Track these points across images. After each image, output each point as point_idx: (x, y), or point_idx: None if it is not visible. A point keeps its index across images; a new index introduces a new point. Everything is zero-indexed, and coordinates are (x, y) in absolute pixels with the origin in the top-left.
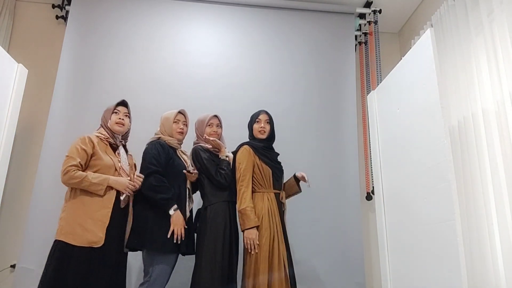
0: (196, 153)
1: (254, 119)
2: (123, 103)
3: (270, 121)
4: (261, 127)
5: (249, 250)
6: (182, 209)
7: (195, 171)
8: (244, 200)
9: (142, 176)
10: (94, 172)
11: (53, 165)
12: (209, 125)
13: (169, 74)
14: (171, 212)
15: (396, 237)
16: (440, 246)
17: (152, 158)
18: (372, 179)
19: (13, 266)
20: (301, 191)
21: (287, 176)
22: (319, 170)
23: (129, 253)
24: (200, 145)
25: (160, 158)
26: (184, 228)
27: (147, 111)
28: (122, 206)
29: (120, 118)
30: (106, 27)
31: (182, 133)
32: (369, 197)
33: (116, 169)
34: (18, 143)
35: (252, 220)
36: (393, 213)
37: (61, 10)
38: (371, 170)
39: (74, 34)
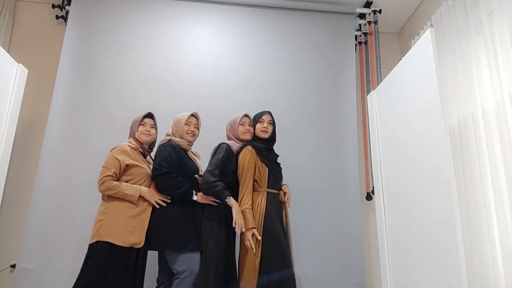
0: (219, 149)
1: (257, 119)
2: (150, 115)
3: (273, 123)
4: (264, 127)
5: (250, 248)
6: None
7: None
8: (244, 202)
9: (168, 198)
10: (135, 179)
11: (53, 165)
12: (242, 124)
13: (169, 74)
14: (194, 198)
15: (396, 237)
16: (440, 246)
17: (162, 160)
18: (372, 179)
19: (13, 266)
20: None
21: (284, 177)
22: (319, 170)
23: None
24: (226, 144)
25: (171, 159)
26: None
27: (147, 110)
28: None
29: (146, 130)
30: (106, 27)
31: (193, 135)
32: (369, 197)
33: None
34: (18, 143)
35: (249, 222)
36: (393, 213)
37: (61, 10)
38: (371, 170)
39: (74, 34)
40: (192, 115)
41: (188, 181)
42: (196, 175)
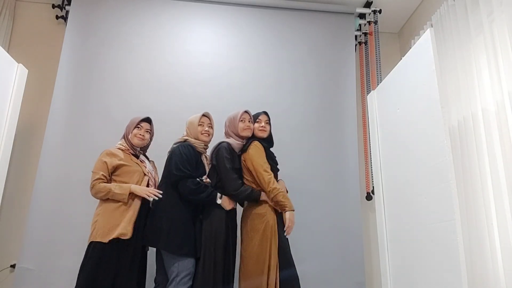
0: (219, 150)
1: (254, 119)
2: (147, 120)
3: (269, 122)
4: (261, 126)
5: (288, 233)
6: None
7: (208, 179)
8: (277, 185)
9: (161, 192)
10: (124, 178)
11: (53, 165)
12: (242, 120)
13: (169, 73)
14: (219, 201)
15: (396, 237)
16: (440, 246)
17: (185, 161)
18: (372, 179)
19: (13, 266)
20: None
21: (285, 177)
22: (319, 170)
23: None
24: (226, 142)
25: (192, 161)
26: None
27: (147, 110)
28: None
29: (140, 134)
30: (106, 27)
31: (208, 135)
32: (369, 197)
33: (145, 174)
34: (18, 143)
35: (291, 204)
36: (393, 213)
37: (61, 10)
38: (371, 170)
39: (74, 34)
40: (204, 115)
41: None
42: (197, 179)
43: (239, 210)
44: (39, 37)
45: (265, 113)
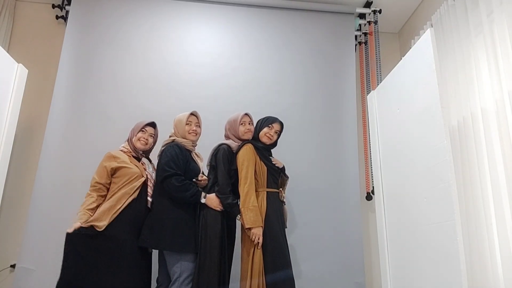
0: (219, 152)
1: (267, 123)
2: (152, 124)
3: (279, 134)
4: (270, 134)
5: (258, 247)
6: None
7: (204, 177)
8: (249, 199)
9: None
10: (122, 179)
11: (53, 165)
12: (242, 123)
13: (169, 74)
14: (203, 200)
15: (396, 237)
16: (440, 246)
17: (170, 161)
18: (372, 179)
19: (13, 266)
20: (288, 177)
21: None
22: (319, 170)
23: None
24: (226, 144)
25: (178, 160)
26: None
27: (147, 111)
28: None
29: (144, 138)
30: (106, 27)
31: (195, 134)
32: (369, 197)
33: (143, 175)
34: (18, 143)
35: (259, 220)
36: (393, 213)
37: (61, 10)
38: (371, 170)
39: (74, 34)
40: (192, 114)
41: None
42: (194, 179)
43: None
44: (39, 37)
45: (281, 124)
